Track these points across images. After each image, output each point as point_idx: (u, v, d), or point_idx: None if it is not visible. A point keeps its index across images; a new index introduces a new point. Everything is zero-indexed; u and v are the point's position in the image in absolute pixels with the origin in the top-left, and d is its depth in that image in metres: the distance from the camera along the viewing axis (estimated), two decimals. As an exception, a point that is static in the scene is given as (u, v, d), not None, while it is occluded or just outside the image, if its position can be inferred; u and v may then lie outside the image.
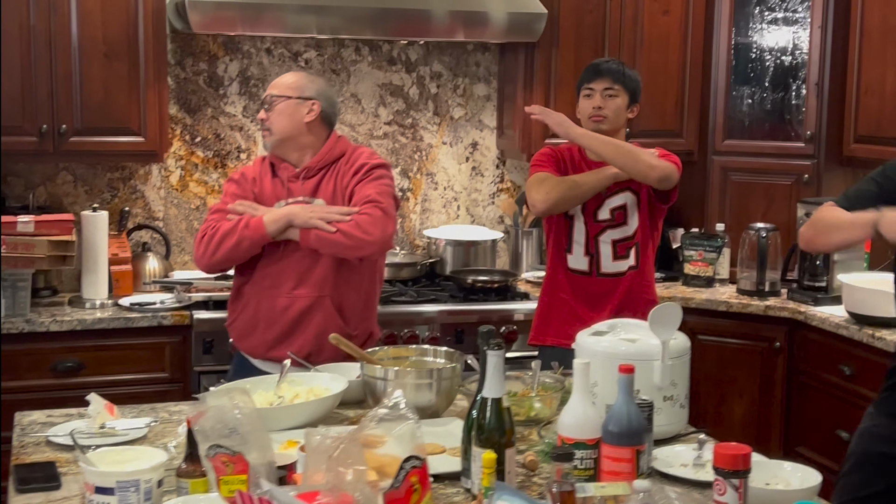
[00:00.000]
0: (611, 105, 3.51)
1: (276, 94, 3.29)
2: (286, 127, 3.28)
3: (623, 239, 3.55)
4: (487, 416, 2.17)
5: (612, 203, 3.54)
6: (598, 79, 3.53)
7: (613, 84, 3.51)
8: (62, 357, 3.88)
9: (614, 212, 3.54)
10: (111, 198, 4.43)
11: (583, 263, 3.57)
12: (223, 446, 1.79)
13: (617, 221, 3.54)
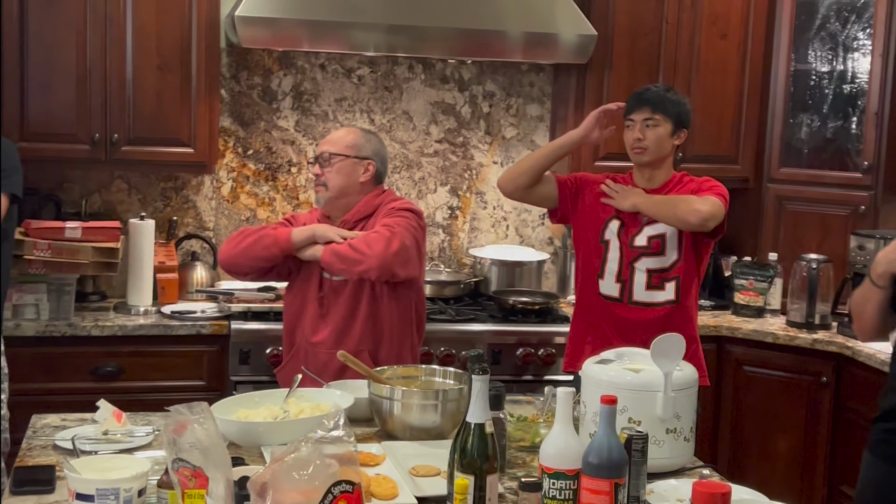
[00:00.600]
0: (651, 135, 3.46)
1: (335, 153, 3.36)
2: (342, 185, 3.37)
3: (660, 269, 3.48)
4: (470, 442, 2.15)
5: (650, 231, 3.48)
6: (637, 109, 3.48)
7: (653, 114, 3.45)
8: (103, 361, 3.96)
9: (651, 240, 3.49)
10: (163, 207, 4.52)
11: (613, 290, 3.52)
12: (185, 460, 1.80)
13: (654, 250, 3.48)
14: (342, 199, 3.38)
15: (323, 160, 3.37)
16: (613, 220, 3.51)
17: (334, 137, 3.44)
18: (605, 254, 3.55)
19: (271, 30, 4.07)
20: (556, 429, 2.15)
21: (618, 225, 3.50)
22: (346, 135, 3.44)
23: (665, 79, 4.52)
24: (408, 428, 2.72)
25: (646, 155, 3.47)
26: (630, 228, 3.51)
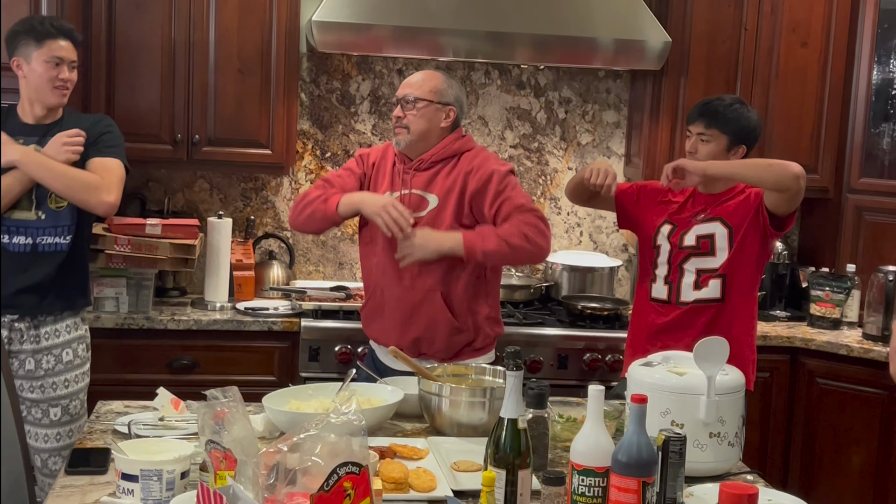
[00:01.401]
0: (703, 150, 3.44)
1: (419, 96, 3.35)
2: (423, 129, 3.36)
3: (708, 269, 3.46)
4: (503, 436, 2.19)
5: (700, 230, 3.46)
6: (694, 121, 3.47)
7: (706, 129, 3.43)
8: (178, 354, 4.09)
9: (700, 239, 3.47)
10: (243, 206, 4.64)
11: (662, 292, 3.52)
12: (216, 442, 1.87)
13: (702, 250, 3.46)
14: (420, 143, 3.37)
15: (406, 102, 3.35)
16: (665, 224, 3.51)
17: (417, 80, 3.39)
18: (657, 258, 3.55)
19: (347, 34, 4.16)
20: (587, 426, 2.17)
21: (669, 228, 3.50)
22: (430, 79, 3.39)
23: (743, 86, 4.49)
24: (455, 424, 2.76)
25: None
26: (680, 229, 3.50)
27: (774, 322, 4.54)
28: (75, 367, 3.51)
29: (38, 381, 3.45)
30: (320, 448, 1.54)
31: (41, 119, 3.47)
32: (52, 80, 3.39)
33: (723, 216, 3.44)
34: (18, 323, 3.43)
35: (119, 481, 2.18)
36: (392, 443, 2.60)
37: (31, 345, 3.44)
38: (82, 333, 3.56)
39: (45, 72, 3.38)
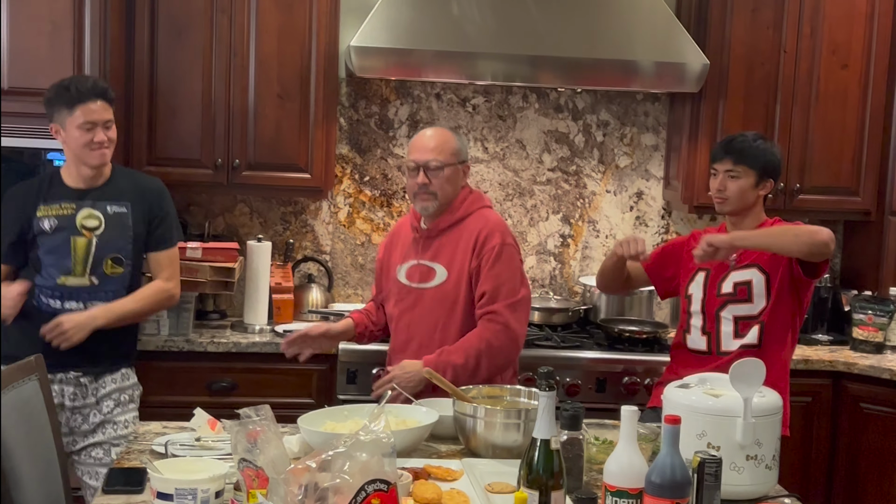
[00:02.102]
0: (732, 187, 3.43)
1: (445, 162, 3.30)
2: (450, 194, 3.34)
3: (747, 317, 3.44)
4: (536, 457, 2.18)
5: (737, 277, 3.45)
6: (721, 159, 3.45)
7: (735, 165, 3.42)
8: (218, 377, 4.12)
9: (737, 286, 3.45)
10: (283, 230, 4.67)
11: (701, 343, 3.49)
12: (248, 460, 1.89)
13: (739, 297, 3.44)
14: (446, 205, 3.35)
15: (431, 169, 3.29)
16: (699, 272, 3.49)
17: (434, 144, 3.32)
18: (689, 307, 3.53)
19: (385, 59, 4.19)
20: (620, 447, 2.16)
21: (703, 275, 3.48)
22: (447, 140, 3.34)
23: (783, 109, 4.47)
24: (490, 446, 2.76)
25: (726, 206, 3.45)
26: (717, 275, 3.48)
27: (816, 346, 4.50)
28: (130, 410, 3.57)
29: (101, 426, 3.50)
30: (349, 465, 1.55)
31: (90, 182, 3.48)
32: (87, 143, 3.38)
33: (759, 262, 3.43)
34: (83, 378, 3.48)
35: (154, 500, 2.20)
36: (426, 464, 2.60)
37: (93, 398, 3.49)
38: (135, 381, 3.63)
39: (80, 136, 3.37)
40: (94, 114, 3.38)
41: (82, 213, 3.45)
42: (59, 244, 3.43)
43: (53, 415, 2.91)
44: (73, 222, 3.44)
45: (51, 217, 3.45)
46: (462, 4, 4.24)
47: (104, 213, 3.47)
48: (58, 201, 3.45)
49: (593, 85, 4.51)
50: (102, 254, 3.45)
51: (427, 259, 3.37)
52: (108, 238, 3.46)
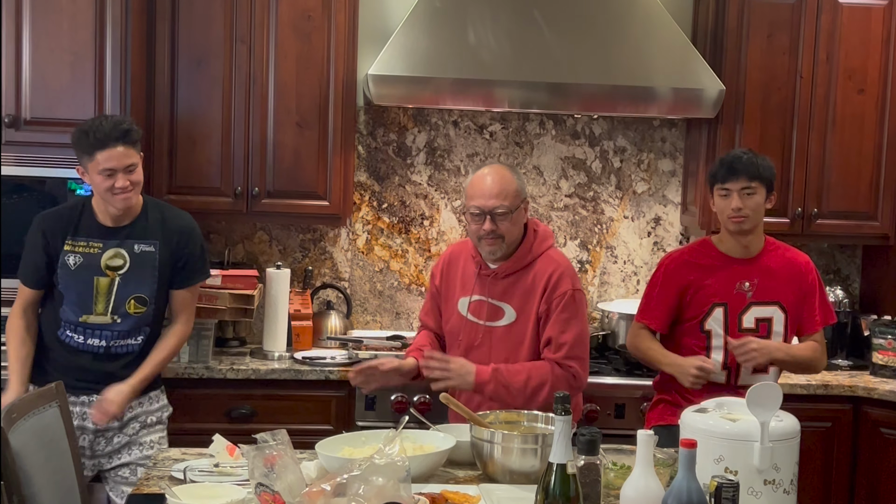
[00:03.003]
0: (750, 204, 3.44)
1: (511, 207, 3.26)
2: (517, 235, 3.33)
3: None
4: (553, 482, 2.19)
5: (759, 313, 3.47)
6: (733, 178, 3.44)
7: (750, 182, 3.43)
8: (237, 404, 4.14)
9: (759, 322, 3.47)
10: (302, 257, 4.70)
11: (720, 377, 3.49)
12: (265, 485, 1.90)
13: (761, 333, 3.46)
14: (513, 246, 3.34)
15: (497, 215, 3.24)
16: (717, 307, 3.48)
17: (498, 189, 3.25)
18: (708, 342, 3.52)
19: (403, 87, 4.23)
20: (637, 471, 2.17)
21: (722, 311, 3.47)
22: (509, 182, 3.28)
23: (799, 134, 4.48)
24: (507, 472, 2.76)
25: (746, 223, 3.46)
26: (735, 309, 3.48)
27: (836, 371, 4.48)
28: (157, 430, 3.60)
29: (127, 447, 3.53)
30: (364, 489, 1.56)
31: (119, 220, 3.48)
32: (109, 189, 3.35)
33: (780, 300, 3.45)
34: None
35: (173, 525, 2.21)
36: (444, 489, 2.61)
37: (117, 422, 3.50)
38: (164, 403, 3.66)
39: (101, 182, 3.35)
40: (114, 160, 3.33)
41: (108, 252, 3.45)
42: (82, 282, 3.44)
43: (74, 441, 2.94)
44: (97, 261, 3.45)
45: (77, 254, 3.46)
46: (478, 32, 4.28)
47: (130, 253, 3.47)
48: (86, 238, 3.46)
49: (610, 111, 4.52)
50: (125, 293, 3.46)
51: (496, 299, 3.35)
52: (131, 278, 3.47)
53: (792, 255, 3.54)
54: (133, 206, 3.47)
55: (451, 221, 4.74)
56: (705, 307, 3.48)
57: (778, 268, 3.49)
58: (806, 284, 3.51)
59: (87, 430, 3.46)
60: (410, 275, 4.74)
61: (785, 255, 3.53)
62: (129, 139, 3.38)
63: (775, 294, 3.46)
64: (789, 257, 3.53)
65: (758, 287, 3.45)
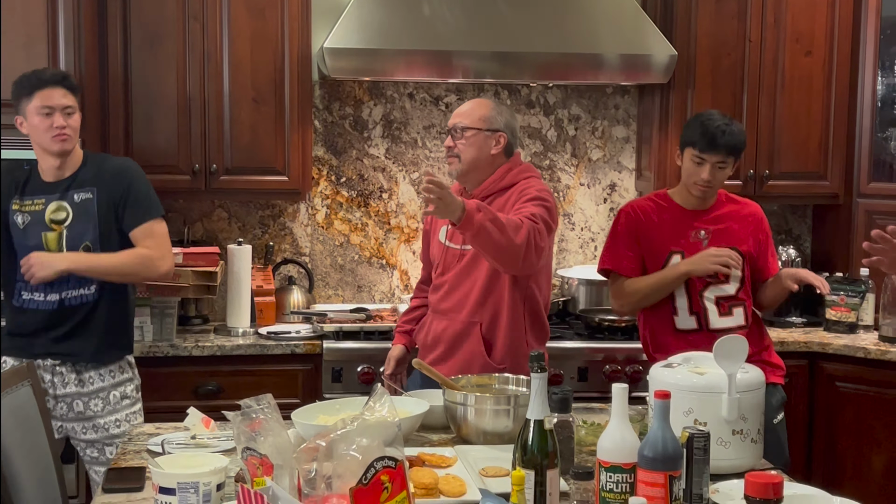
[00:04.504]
0: (720, 177, 3.49)
1: (468, 125, 3.40)
2: (473, 158, 3.41)
3: (726, 297, 3.52)
4: (530, 438, 2.23)
5: (720, 250, 3.51)
6: (711, 151, 3.45)
7: (726, 157, 3.47)
8: (204, 380, 4.15)
9: None
10: (262, 233, 4.71)
11: (690, 322, 3.53)
12: (252, 449, 1.93)
13: (719, 278, 3.51)
14: (473, 172, 3.41)
15: (455, 132, 3.40)
16: (674, 255, 3.54)
17: (466, 109, 3.45)
18: (672, 292, 3.57)
19: (358, 60, 4.25)
20: (612, 423, 2.22)
21: (679, 258, 3.53)
22: (479, 107, 3.43)
23: (749, 97, 4.56)
24: (481, 433, 2.81)
25: (710, 192, 3.52)
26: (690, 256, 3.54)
27: (791, 328, 4.59)
28: (125, 406, 3.59)
29: (90, 421, 3.53)
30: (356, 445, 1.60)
31: (59, 173, 3.51)
32: (47, 129, 3.41)
33: (736, 246, 3.51)
34: (60, 367, 3.51)
35: (157, 495, 2.23)
36: (420, 452, 2.65)
37: (76, 388, 3.52)
38: (129, 376, 3.63)
39: (39, 123, 3.41)
40: (52, 99, 3.41)
41: (51, 206, 3.49)
42: (32, 239, 3.47)
43: (48, 419, 2.95)
44: (42, 217, 3.48)
45: (24, 213, 3.50)
46: (432, 4, 4.30)
47: (71, 204, 3.50)
48: (31, 196, 3.50)
49: (563, 79, 4.57)
50: (74, 244, 3.49)
51: None
52: (76, 228, 3.49)
53: (743, 204, 3.61)
54: (71, 155, 3.51)
55: (409, 194, 4.77)
56: (663, 255, 3.54)
57: (732, 217, 3.56)
58: (762, 232, 3.58)
59: (48, 395, 3.47)
60: (371, 248, 4.77)
61: (737, 205, 3.60)
62: (67, 83, 3.47)
63: (730, 240, 3.51)
64: (741, 207, 3.60)
65: (713, 235, 3.52)
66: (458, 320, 3.39)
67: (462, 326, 3.38)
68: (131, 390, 3.62)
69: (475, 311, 3.38)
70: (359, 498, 1.56)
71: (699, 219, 3.53)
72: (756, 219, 3.58)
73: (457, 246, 3.44)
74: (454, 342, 3.38)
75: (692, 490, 2.34)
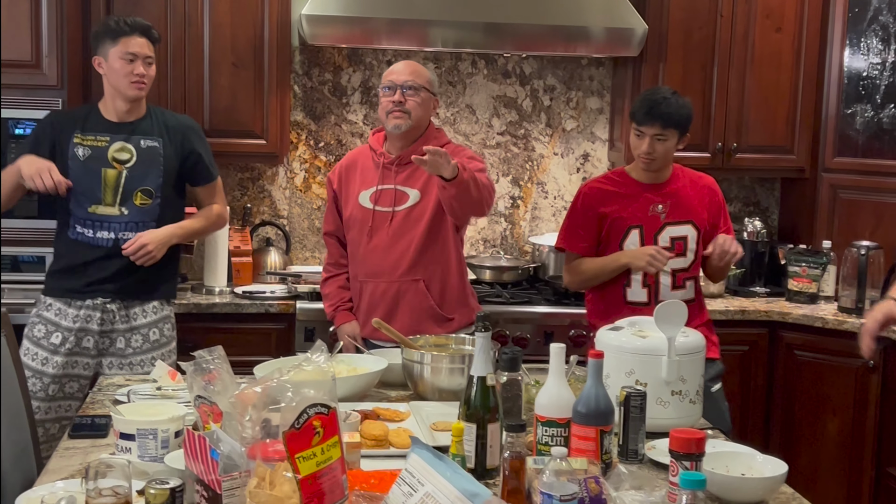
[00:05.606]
0: (660, 149, 3.55)
1: (422, 84, 3.53)
2: (421, 116, 3.55)
3: (682, 269, 3.62)
4: (473, 394, 2.35)
5: (674, 232, 3.60)
6: (648, 123, 3.53)
7: (664, 129, 3.53)
8: (180, 337, 4.22)
9: (674, 241, 3.61)
10: (241, 196, 4.82)
11: (641, 295, 3.62)
12: (203, 397, 2.04)
13: (677, 251, 3.60)
14: (415, 130, 3.55)
15: (409, 88, 3.50)
16: (633, 230, 3.62)
17: (414, 69, 3.55)
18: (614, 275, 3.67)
19: (337, 27, 4.34)
20: (549, 381, 2.34)
21: (638, 232, 3.61)
22: (423, 70, 3.58)
23: (720, 71, 4.65)
24: (437, 390, 2.93)
25: (654, 165, 3.59)
26: (651, 230, 3.62)
27: (754, 298, 4.71)
28: (161, 345, 3.78)
29: (127, 358, 3.70)
30: (292, 392, 1.71)
31: (125, 116, 3.70)
32: (127, 75, 3.61)
33: (693, 219, 3.61)
34: (111, 304, 3.69)
35: (118, 440, 2.34)
36: (376, 407, 2.78)
37: (124, 324, 3.72)
38: (167, 314, 3.83)
39: (121, 68, 3.61)
40: (136, 46, 3.62)
41: (115, 145, 3.66)
42: (90, 173, 3.63)
43: (20, 368, 3.05)
44: (105, 154, 3.65)
45: (85, 146, 3.65)
46: (410, -27, 4.38)
47: (137, 147, 3.68)
48: (93, 133, 3.67)
49: (539, 51, 4.67)
50: (132, 186, 3.66)
51: (400, 185, 3.56)
52: (138, 171, 3.67)
53: (698, 177, 3.70)
54: (140, 102, 3.72)
55: (386, 159, 4.87)
56: (622, 231, 3.64)
57: (687, 190, 3.65)
58: (715, 204, 3.67)
59: (91, 332, 3.67)
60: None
61: (692, 178, 3.69)
62: (150, 35, 3.69)
63: (687, 214, 3.62)
64: (696, 180, 3.69)
65: (670, 208, 3.61)
66: (395, 280, 3.53)
67: (401, 286, 3.52)
68: (168, 329, 3.82)
69: (414, 268, 3.53)
70: (291, 441, 1.68)
71: (656, 193, 3.63)
72: (710, 190, 3.69)
73: (387, 208, 3.56)
74: (395, 301, 3.53)
75: (629, 446, 2.48)
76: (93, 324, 3.67)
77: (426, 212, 3.53)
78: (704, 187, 3.68)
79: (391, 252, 3.56)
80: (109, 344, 3.70)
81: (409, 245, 3.54)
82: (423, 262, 3.54)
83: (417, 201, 3.55)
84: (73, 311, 3.65)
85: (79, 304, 3.65)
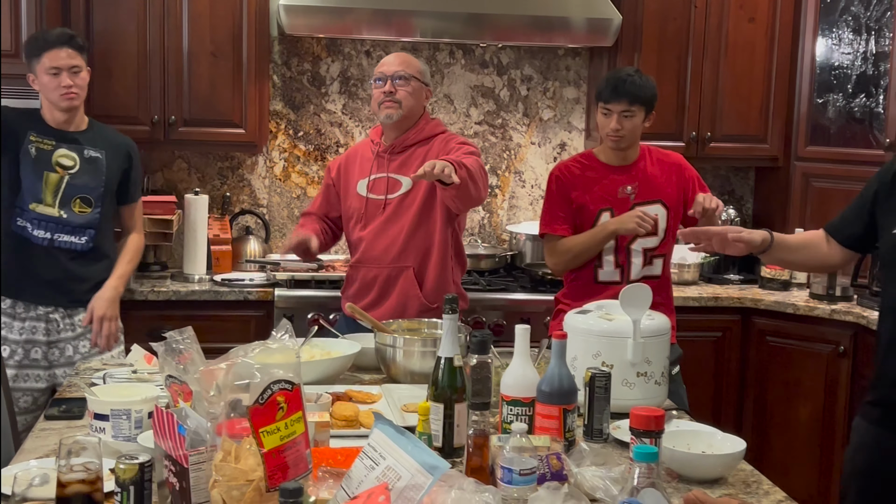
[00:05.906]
0: (627, 125, 3.60)
1: (412, 74, 3.58)
2: (413, 106, 3.60)
3: (652, 248, 3.67)
4: (441, 374, 2.40)
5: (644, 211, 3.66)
6: (614, 100, 3.59)
7: (630, 106, 3.58)
8: (159, 324, 4.26)
9: None
10: (220, 184, 4.86)
11: (613, 275, 3.68)
12: (173, 376, 2.09)
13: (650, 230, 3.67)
14: (407, 120, 3.60)
15: (400, 78, 3.55)
16: (604, 212, 3.67)
17: (404, 59, 3.61)
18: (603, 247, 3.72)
19: (315, 18, 4.38)
20: (515, 362, 2.40)
21: (609, 215, 3.66)
22: (414, 60, 3.64)
23: (694, 61, 4.71)
24: (409, 373, 2.99)
25: (622, 143, 3.63)
26: (621, 211, 3.64)
27: (728, 285, 4.77)
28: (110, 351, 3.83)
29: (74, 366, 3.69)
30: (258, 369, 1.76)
31: (64, 125, 3.75)
32: (56, 88, 3.65)
33: (662, 198, 3.66)
34: (53, 314, 3.75)
35: (92, 421, 2.39)
36: (348, 389, 2.83)
37: (70, 332, 3.76)
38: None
39: (48, 82, 3.66)
40: (59, 59, 3.63)
41: (60, 150, 3.72)
42: (36, 173, 3.68)
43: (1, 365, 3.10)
44: (49, 157, 3.70)
45: (34, 146, 3.70)
46: (387, -36, 4.43)
47: (80, 156, 3.74)
48: (42, 135, 3.71)
49: (516, 41, 4.72)
50: (72, 192, 3.71)
51: (394, 172, 3.60)
52: (79, 179, 3.72)
53: (665, 155, 3.74)
54: (78, 115, 3.78)
55: (364, 148, 4.92)
56: (593, 213, 3.69)
57: (655, 169, 3.70)
58: (683, 179, 3.70)
59: (38, 343, 3.72)
60: (326, 200, 4.92)
61: (659, 157, 3.73)
62: (73, 44, 3.69)
63: (656, 193, 3.66)
64: (663, 158, 3.72)
65: (639, 189, 3.67)
66: (386, 266, 3.58)
67: (391, 271, 3.58)
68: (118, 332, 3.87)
69: (404, 255, 3.58)
70: (255, 416, 1.73)
71: (624, 174, 3.69)
72: (678, 167, 3.71)
73: (379, 196, 3.61)
74: (385, 287, 3.58)
75: (594, 425, 2.53)
76: (38, 334, 3.73)
77: (416, 200, 3.58)
78: (672, 164, 3.72)
79: (382, 238, 3.61)
80: (59, 354, 3.76)
81: (400, 232, 3.59)
82: (413, 249, 3.59)
83: (409, 189, 3.60)
84: (17, 324, 3.71)
85: (23, 317, 3.71)
